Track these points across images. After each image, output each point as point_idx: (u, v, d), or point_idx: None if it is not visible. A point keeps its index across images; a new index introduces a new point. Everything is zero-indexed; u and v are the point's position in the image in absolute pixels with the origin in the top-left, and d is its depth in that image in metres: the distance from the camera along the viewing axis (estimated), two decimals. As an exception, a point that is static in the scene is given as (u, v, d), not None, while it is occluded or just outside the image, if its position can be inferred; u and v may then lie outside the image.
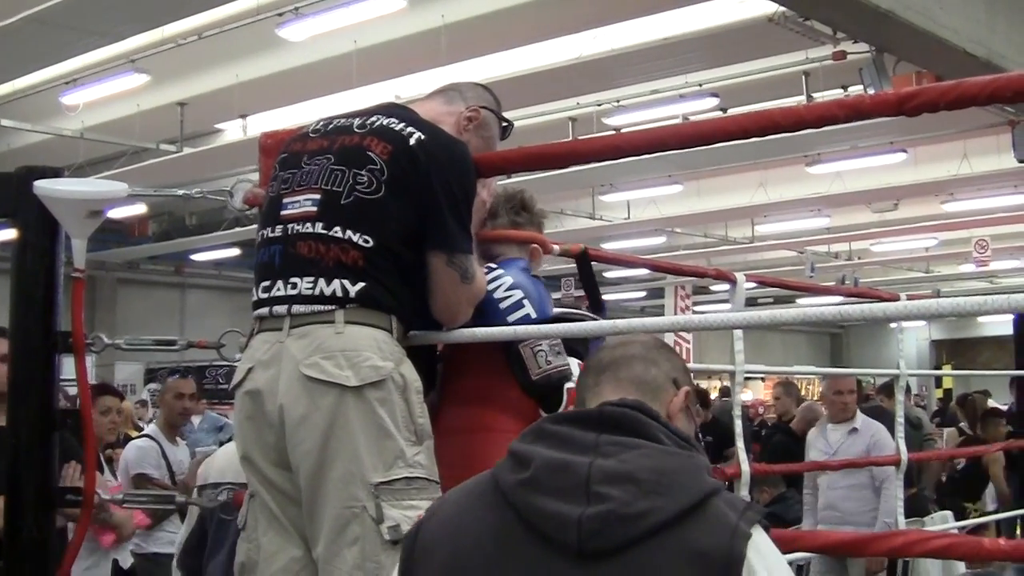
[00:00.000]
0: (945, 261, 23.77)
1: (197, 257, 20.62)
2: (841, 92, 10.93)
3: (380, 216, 2.32)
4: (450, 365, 2.66)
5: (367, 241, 2.31)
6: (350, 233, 2.31)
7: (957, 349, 31.42)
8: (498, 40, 10.25)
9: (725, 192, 17.07)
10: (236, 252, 19.44)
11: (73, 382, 2.77)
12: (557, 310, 2.70)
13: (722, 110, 11.62)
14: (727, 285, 3.71)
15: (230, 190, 2.90)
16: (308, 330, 2.28)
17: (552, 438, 1.60)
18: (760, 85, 11.24)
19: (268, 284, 2.37)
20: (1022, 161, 11.49)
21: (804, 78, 10.88)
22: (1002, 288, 25.57)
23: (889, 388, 9.31)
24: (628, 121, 12.46)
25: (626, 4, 9.46)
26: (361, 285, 2.29)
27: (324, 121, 2.53)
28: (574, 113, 12.76)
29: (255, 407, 2.33)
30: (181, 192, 3.23)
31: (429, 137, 2.39)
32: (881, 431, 6.20)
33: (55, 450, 2.67)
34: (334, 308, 2.28)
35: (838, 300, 6.46)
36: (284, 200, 2.42)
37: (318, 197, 2.36)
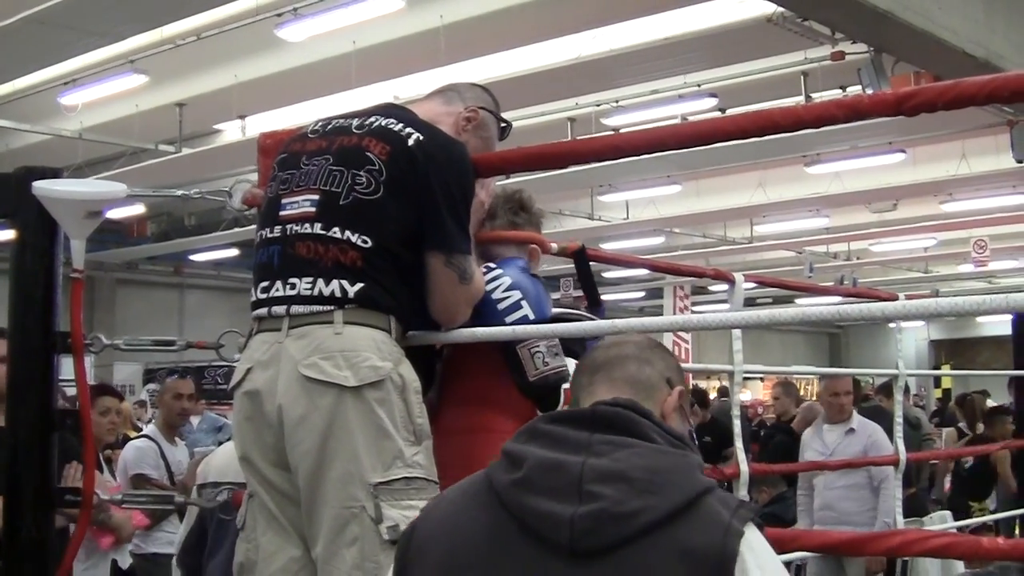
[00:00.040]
0: (944, 261, 23.76)
1: (196, 257, 20.62)
2: (840, 92, 10.93)
3: (379, 217, 2.32)
4: (449, 366, 2.66)
5: (366, 242, 2.31)
6: (349, 234, 2.31)
7: (956, 349, 31.42)
8: (497, 40, 10.25)
9: (724, 192, 17.06)
10: (235, 252, 19.43)
11: (72, 382, 2.77)
12: (556, 310, 2.70)
13: (721, 110, 11.61)
14: (726, 285, 3.71)
15: (229, 190, 2.90)
16: (307, 330, 2.28)
17: (545, 438, 1.60)
18: (759, 85, 11.24)
19: (267, 285, 2.37)
20: (1020, 161, 11.49)
21: (803, 78, 10.89)
22: (1001, 288, 25.57)
23: (888, 388, 9.31)
24: (627, 121, 12.46)
25: (625, 4, 9.45)
26: (360, 286, 2.29)
27: (323, 122, 2.53)
28: (573, 113, 12.75)
29: (254, 407, 2.33)
30: (180, 192, 3.23)
31: (427, 138, 2.39)
32: (878, 431, 6.20)
33: (54, 450, 2.67)
34: (333, 308, 2.28)
35: (837, 300, 6.46)
36: (283, 201, 2.42)
37: (317, 198, 2.36)
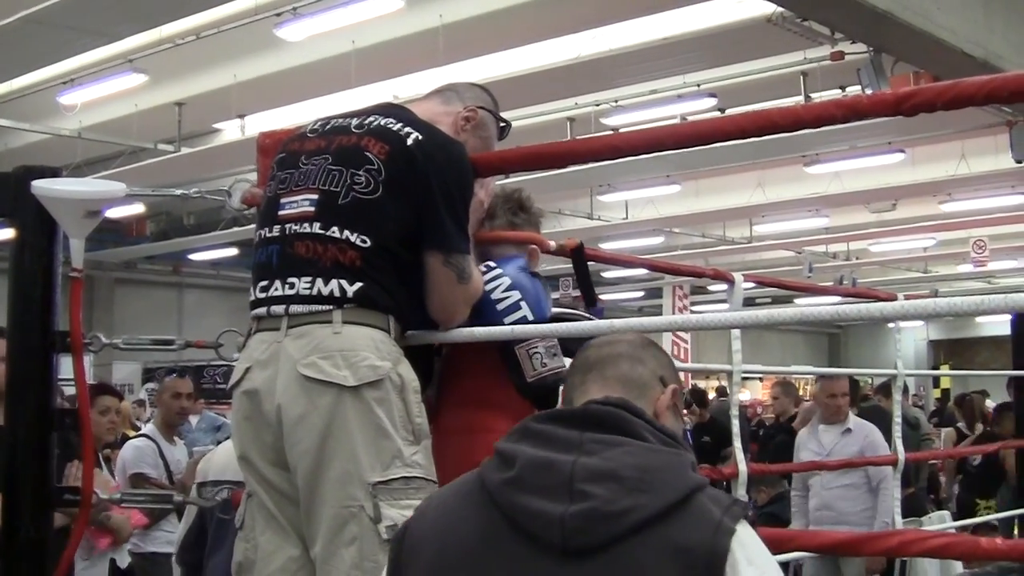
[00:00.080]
0: (943, 261, 23.77)
1: (195, 257, 20.62)
2: (839, 92, 10.93)
3: (377, 216, 2.32)
4: (448, 365, 2.66)
5: (365, 241, 2.31)
6: (348, 233, 2.31)
7: (955, 349, 31.42)
8: (496, 40, 10.25)
9: (723, 192, 17.07)
10: (234, 252, 19.43)
11: (71, 382, 2.77)
12: (555, 310, 2.69)
13: (720, 110, 11.61)
14: (725, 285, 3.70)
15: (228, 190, 2.89)
16: (306, 330, 2.28)
17: (537, 437, 1.61)
18: (758, 85, 11.24)
19: (266, 284, 2.37)
20: (1020, 161, 11.50)
21: (802, 78, 10.89)
22: (1000, 288, 25.57)
23: (887, 388, 9.31)
24: (626, 121, 12.46)
25: (624, 4, 9.46)
26: (359, 285, 2.29)
27: (322, 121, 2.53)
28: (572, 113, 12.76)
29: (253, 407, 2.33)
30: (179, 192, 3.22)
31: (426, 137, 2.39)
32: (874, 432, 6.19)
33: (53, 450, 2.66)
34: (332, 308, 2.28)
35: (836, 300, 6.46)
36: (282, 200, 2.42)
37: (316, 197, 2.36)
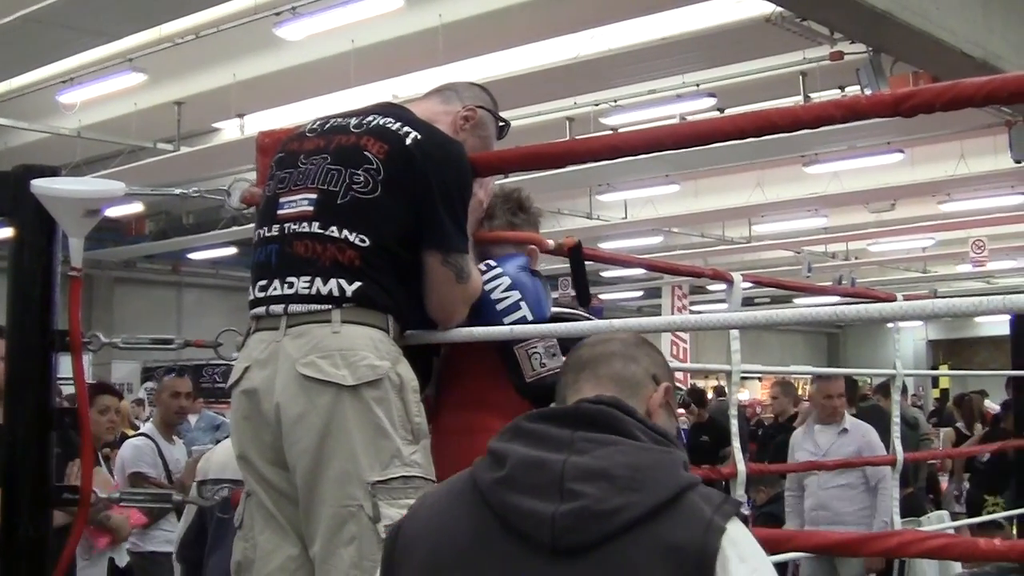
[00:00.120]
0: (942, 261, 23.77)
1: (194, 256, 20.62)
2: (838, 92, 10.94)
3: (376, 216, 2.32)
4: (448, 365, 2.66)
5: (363, 241, 2.31)
6: (346, 233, 2.31)
7: (954, 349, 31.43)
8: (496, 40, 10.25)
9: (722, 192, 17.07)
10: (233, 251, 19.42)
11: (70, 381, 2.77)
12: (555, 310, 2.69)
13: (719, 110, 11.61)
14: (724, 285, 3.71)
15: (227, 189, 2.89)
16: (305, 329, 2.28)
17: (529, 436, 1.61)
18: (757, 85, 11.24)
19: (265, 283, 2.37)
20: (1019, 161, 11.49)
21: (801, 78, 10.89)
22: (999, 288, 25.58)
23: (886, 388, 9.31)
24: (625, 121, 12.46)
25: (623, 4, 9.46)
26: (358, 284, 2.29)
27: (321, 120, 2.53)
28: (571, 113, 12.75)
29: (252, 406, 2.33)
30: (178, 191, 3.22)
31: (425, 137, 2.39)
32: (871, 432, 6.19)
33: (52, 448, 2.67)
34: (331, 307, 2.28)
35: (835, 300, 6.46)
36: (281, 199, 2.42)
37: (314, 197, 2.36)
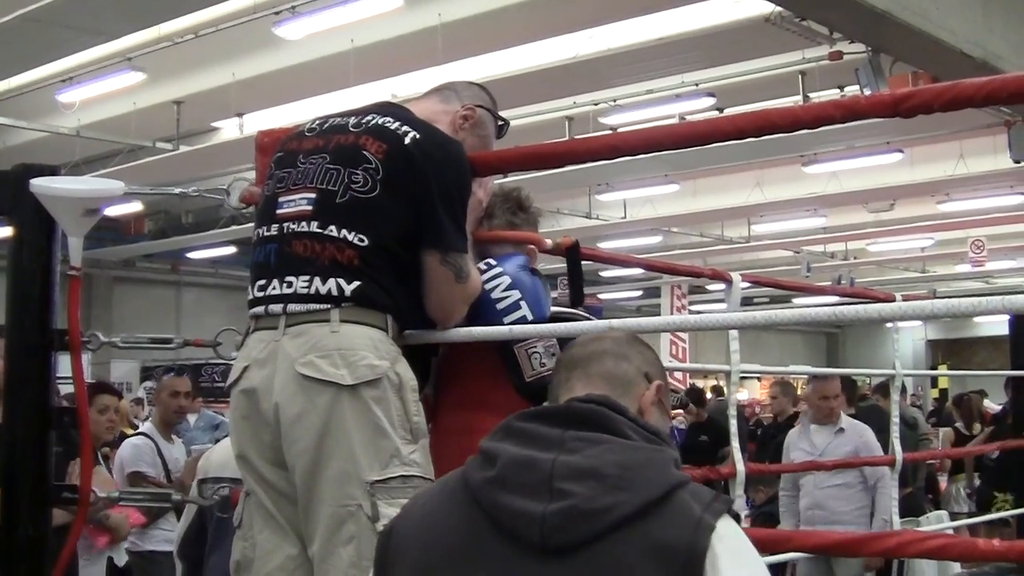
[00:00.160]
0: (941, 261, 23.78)
1: (193, 255, 20.63)
2: (837, 92, 10.95)
3: (375, 215, 2.33)
4: (447, 365, 2.66)
5: (362, 240, 2.31)
6: (345, 232, 2.31)
7: (953, 349, 31.42)
8: (495, 39, 10.25)
9: (721, 192, 17.08)
10: (232, 250, 19.42)
11: (69, 380, 2.77)
12: (554, 309, 2.69)
13: (718, 110, 11.61)
14: (723, 285, 3.71)
15: (226, 188, 2.89)
16: (304, 329, 2.28)
17: (520, 435, 1.61)
18: (757, 85, 11.24)
19: (264, 283, 2.37)
20: (1018, 161, 11.49)
21: (801, 78, 10.90)
22: (998, 288, 25.59)
23: (885, 388, 9.31)
24: (624, 121, 12.46)
25: (622, 4, 9.46)
26: (356, 284, 2.29)
27: (320, 120, 2.53)
28: (570, 112, 12.76)
29: (251, 405, 2.33)
30: (178, 190, 3.23)
31: (424, 136, 2.39)
32: (867, 432, 6.18)
33: (51, 448, 2.67)
34: (329, 307, 2.28)
35: (834, 300, 6.46)
36: (280, 199, 2.42)
37: (313, 196, 2.36)
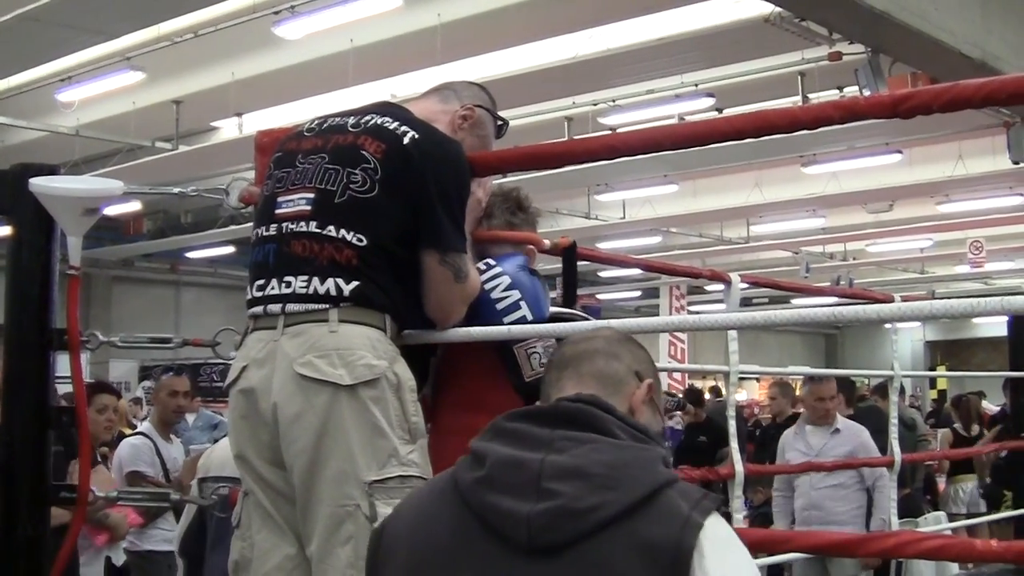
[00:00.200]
0: (940, 262, 23.80)
1: (192, 255, 20.64)
2: (837, 93, 10.95)
3: (374, 215, 2.33)
4: (446, 365, 2.66)
5: (361, 240, 2.31)
6: (344, 232, 2.31)
7: (951, 350, 31.42)
8: (494, 39, 10.25)
9: (721, 192, 17.09)
10: (231, 250, 19.43)
11: (68, 379, 2.77)
12: (553, 309, 2.69)
13: (718, 110, 11.62)
14: (722, 285, 3.72)
15: (226, 188, 2.89)
16: (302, 329, 2.28)
17: (508, 435, 1.61)
18: (756, 86, 11.25)
19: (262, 283, 2.37)
20: (1017, 162, 11.49)
21: (800, 79, 10.90)
22: (996, 289, 25.61)
23: (884, 389, 9.31)
24: (624, 121, 12.46)
25: (622, 4, 9.46)
26: (355, 284, 2.29)
27: (319, 120, 2.53)
28: (570, 113, 12.77)
29: (249, 405, 2.33)
30: (177, 190, 3.21)
31: (423, 136, 2.39)
32: (863, 432, 6.18)
33: (50, 447, 2.67)
34: (328, 307, 2.28)
35: (833, 301, 6.47)
36: (278, 199, 2.42)
37: (312, 196, 2.36)
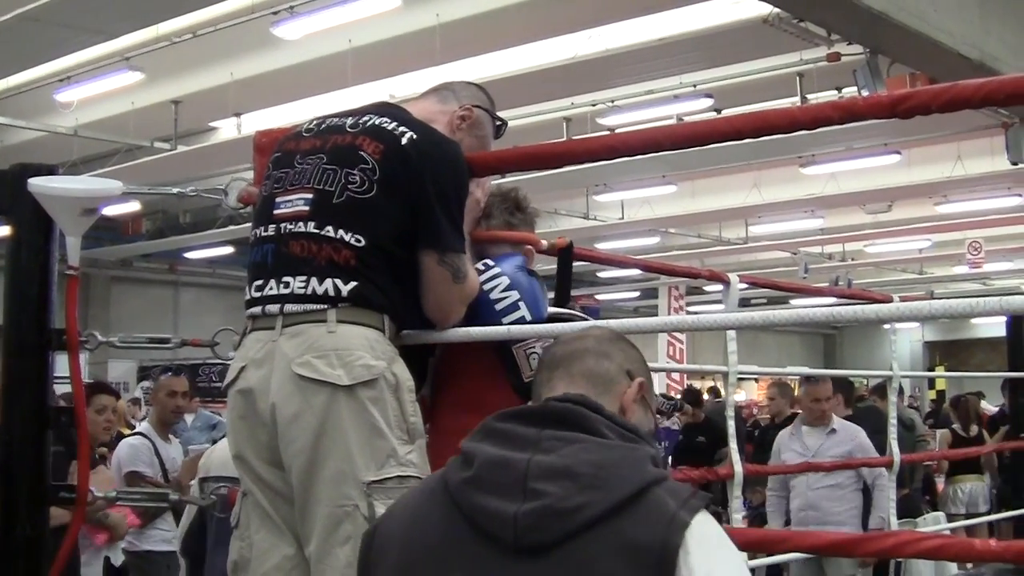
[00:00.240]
0: (938, 263, 23.81)
1: (191, 255, 20.61)
2: (835, 94, 10.95)
3: (372, 215, 2.33)
4: (445, 366, 2.66)
5: (359, 240, 2.31)
6: (342, 232, 2.31)
7: (950, 350, 31.43)
8: (493, 40, 10.25)
9: (719, 193, 17.09)
10: (230, 250, 19.43)
11: (67, 380, 2.77)
12: (551, 309, 2.69)
13: (716, 111, 11.62)
14: (721, 286, 3.72)
15: (224, 188, 2.89)
16: (300, 329, 2.28)
17: (497, 436, 1.62)
18: (755, 86, 11.25)
19: (261, 283, 2.38)
20: (1016, 163, 11.49)
21: (798, 79, 10.90)
22: (995, 290, 25.63)
23: (882, 389, 9.32)
24: (623, 121, 12.46)
25: (621, 4, 9.46)
26: (353, 284, 2.29)
27: (317, 120, 2.54)
28: (569, 113, 12.76)
29: (247, 406, 2.33)
30: (175, 190, 3.21)
31: (421, 136, 2.39)
32: (859, 432, 6.19)
33: (48, 447, 2.66)
34: (326, 307, 2.28)
35: (831, 301, 6.48)
36: (277, 199, 2.42)
37: (310, 196, 2.36)
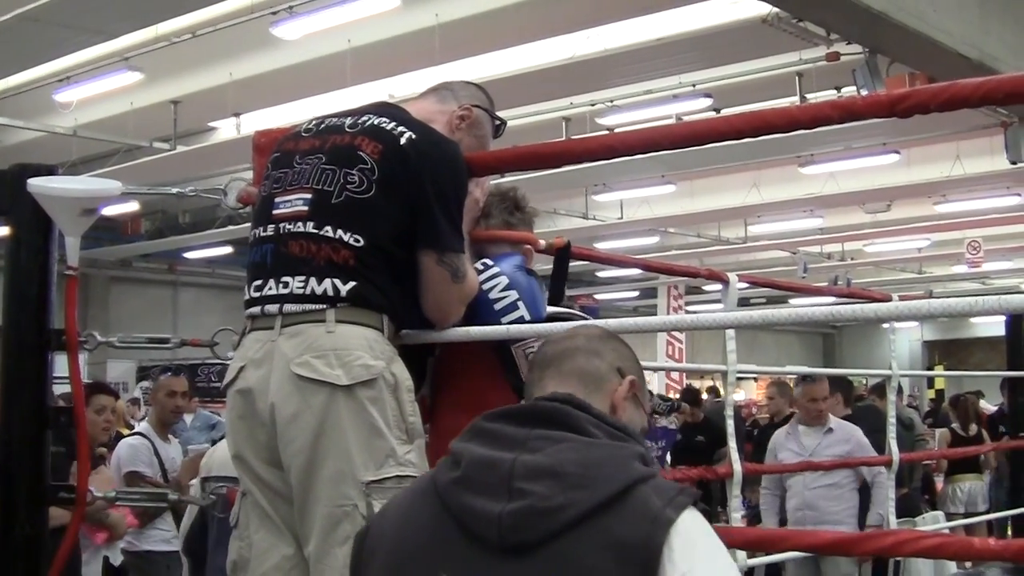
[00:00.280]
0: (938, 262, 23.82)
1: (190, 255, 20.61)
2: (834, 93, 10.95)
3: (371, 215, 2.33)
4: (444, 365, 2.66)
5: (358, 240, 2.31)
6: (341, 232, 2.32)
7: (949, 350, 31.45)
8: (492, 40, 10.25)
9: (718, 192, 17.09)
10: (229, 250, 19.43)
11: (66, 380, 2.77)
12: (550, 309, 2.70)
13: (715, 110, 11.62)
14: (720, 285, 3.72)
15: (223, 188, 2.89)
16: (299, 329, 2.28)
17: (486, 435, 1.62)
18: (754, 86, 11.25)
19: (260, 283, 2.38)
20: (1014, 163, 11.50)
21: (797, 79, 10.90)
22: (994, 289, 25.64)
23: (881, 388, 9.32)
24: (621, 121, 12.47)
25: (620, 4, 9.46)
26: (352, 284, 2.29)
27: (316, 120, 2.54)
28: (568, 113, 12.77)
29: (247, 405, 2.34)
30: (175, 190, 3.21)
31: (420, 136, 2.40)
32: (856, 432, 6.19)
33: (48, 447, 2.67)
34: (325, 307, 2.28)
35: (830, 301, 6.48)
36: (276, 199, 2.42)
37: (309, 196, 2.37)
